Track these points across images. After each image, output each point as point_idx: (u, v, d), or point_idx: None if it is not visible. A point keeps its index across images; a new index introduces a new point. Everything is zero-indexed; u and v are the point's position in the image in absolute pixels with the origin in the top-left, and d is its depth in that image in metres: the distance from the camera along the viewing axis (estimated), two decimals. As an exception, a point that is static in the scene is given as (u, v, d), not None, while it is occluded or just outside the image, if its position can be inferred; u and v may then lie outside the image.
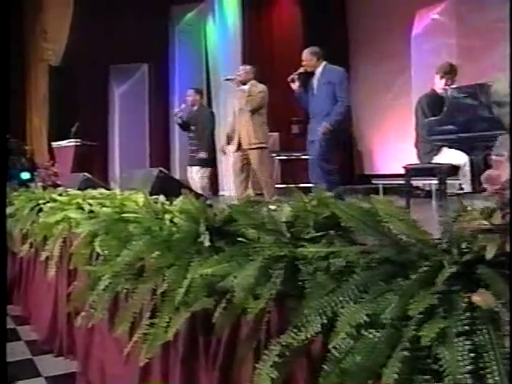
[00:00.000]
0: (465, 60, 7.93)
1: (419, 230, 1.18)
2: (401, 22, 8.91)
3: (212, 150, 6.50)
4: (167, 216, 2.33)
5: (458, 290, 1.04)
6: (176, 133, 9.83)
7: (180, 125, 6.61)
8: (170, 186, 3.13)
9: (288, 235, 1.55)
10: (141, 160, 9.80)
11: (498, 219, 0.96)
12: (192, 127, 6.43)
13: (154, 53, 9.89)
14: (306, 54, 5.13)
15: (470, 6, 8.05)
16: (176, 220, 2.17)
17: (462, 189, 3.94)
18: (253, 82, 5.60)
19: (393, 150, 9.36)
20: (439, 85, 4.08)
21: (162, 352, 2.00)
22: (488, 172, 1.00)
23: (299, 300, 1.34)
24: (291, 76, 5.18)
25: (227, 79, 5.86)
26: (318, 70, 5.08)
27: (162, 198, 2.69)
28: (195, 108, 6.53)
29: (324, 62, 5.13)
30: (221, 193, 8.84)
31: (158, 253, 2.04)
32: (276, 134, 8.68)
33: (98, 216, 2.81)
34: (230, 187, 9.23)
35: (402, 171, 4.31)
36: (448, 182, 3.77)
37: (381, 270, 1.18)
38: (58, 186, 6.76)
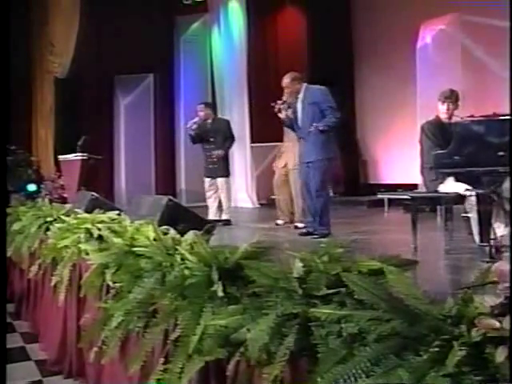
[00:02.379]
0: (470, 71, 7.97)
1: (428, 305, 1.22)
2: (406, 33, 8.92)
3: (227, 159, 6.67)
4: (178, 253, 2.37)
5: (468, 372, 1.08)
6: (182, 143, 9.88)
7: (192, 137, 6.66)
8: (179, 216, 3.17)
9: (300, 291, 1.59)
10: (146, 172, 9.84)
11: (508, 322, 1.00)
12: (211, 139, 6.52)
13: (160, 63, 9.94)
14: (286, 81, 5.16)
15: (475, 17, 8.08)
16: (187, 262, 2.21)
17: (466, 212, 3.97)
18: None
19: (398, 159, 9.39)
20: (442, 110, 4.12)
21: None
22: (498, 265, 1.04)
23: (311, 362, 1.38)
24: (277, 106, 5.19)
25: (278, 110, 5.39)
26: (301, 93, 5.12)
27: (172, 231, 2.73)
28: (209, 121, 6.59)
29: (305, 84, 5.18)
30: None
31: (170, 295, 2.08)
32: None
33: (109, 248, 2.85)
34: (235, 198, 9.27)
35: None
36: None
37: (392, 342, 1.22)
38: (65, 199, 6.82)
